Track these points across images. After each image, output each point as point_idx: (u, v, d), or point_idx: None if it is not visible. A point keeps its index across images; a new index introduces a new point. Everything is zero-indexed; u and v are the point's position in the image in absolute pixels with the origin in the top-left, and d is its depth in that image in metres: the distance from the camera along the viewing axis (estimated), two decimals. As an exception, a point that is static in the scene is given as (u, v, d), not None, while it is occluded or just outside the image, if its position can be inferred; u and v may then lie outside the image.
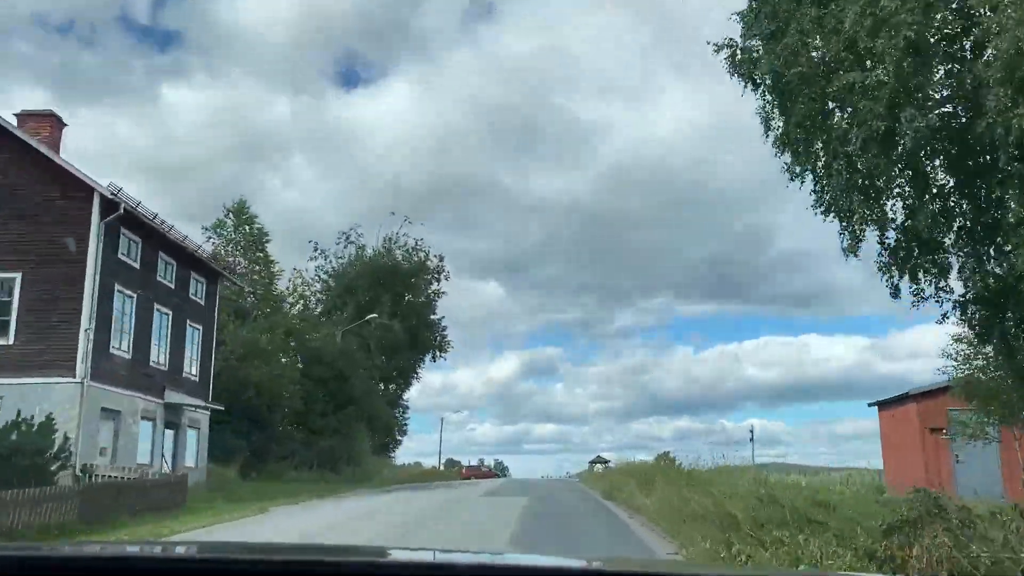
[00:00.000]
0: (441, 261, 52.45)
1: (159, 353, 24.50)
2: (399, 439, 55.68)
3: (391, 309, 47.95)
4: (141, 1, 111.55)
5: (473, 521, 16.94)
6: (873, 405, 33.42)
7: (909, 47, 10.79)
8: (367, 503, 21.84)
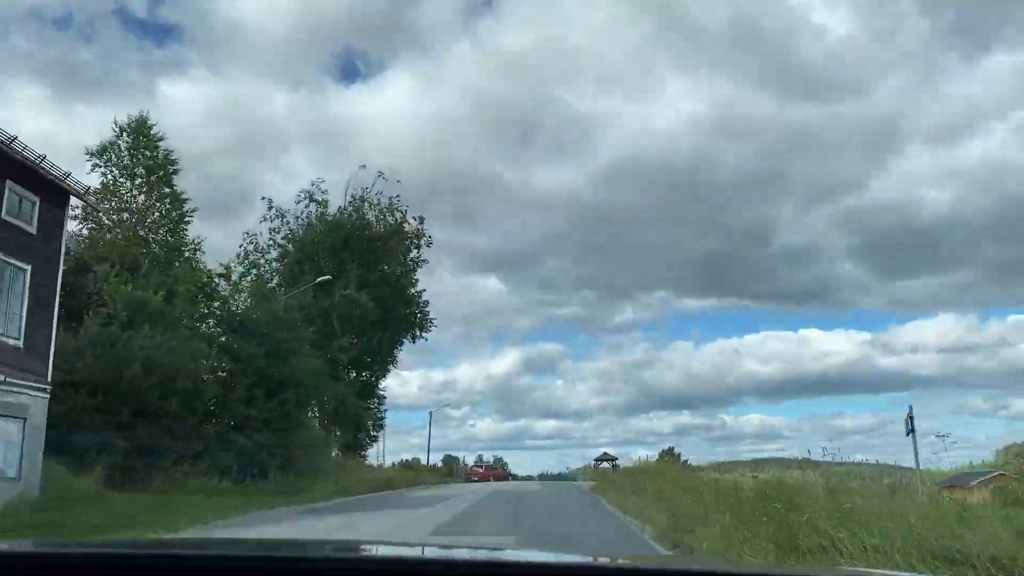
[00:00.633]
0: (421, 224, 44.27)
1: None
2: (375, 434, 47.62)
3: (359, 279, 39.83)
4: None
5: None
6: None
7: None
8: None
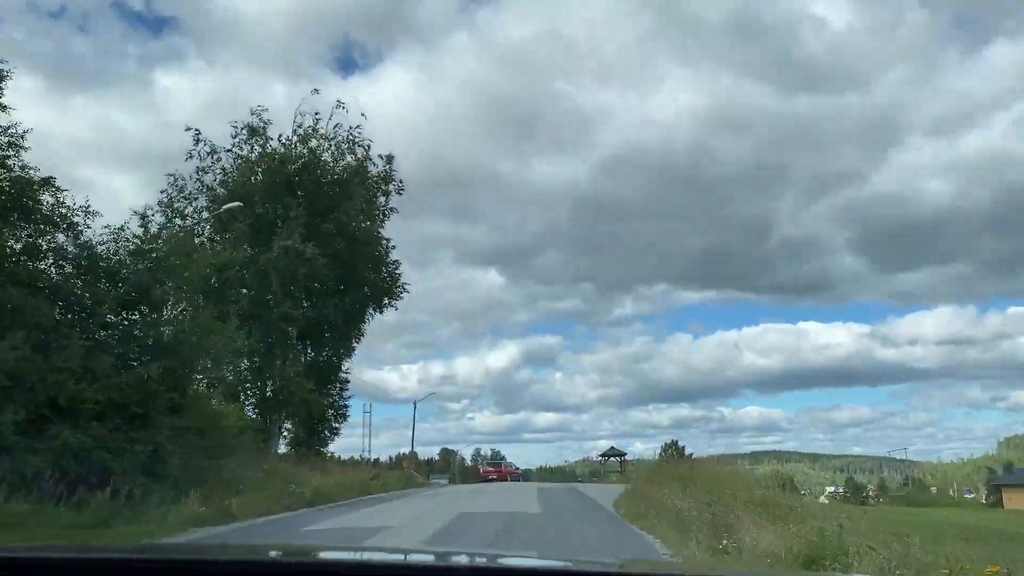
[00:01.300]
0: (390, 165, 35.56)
1: None
2: (336, 426, 38.91)
3: (307, 229, 31.36)
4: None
5: None
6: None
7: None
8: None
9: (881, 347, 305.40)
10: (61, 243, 16.23)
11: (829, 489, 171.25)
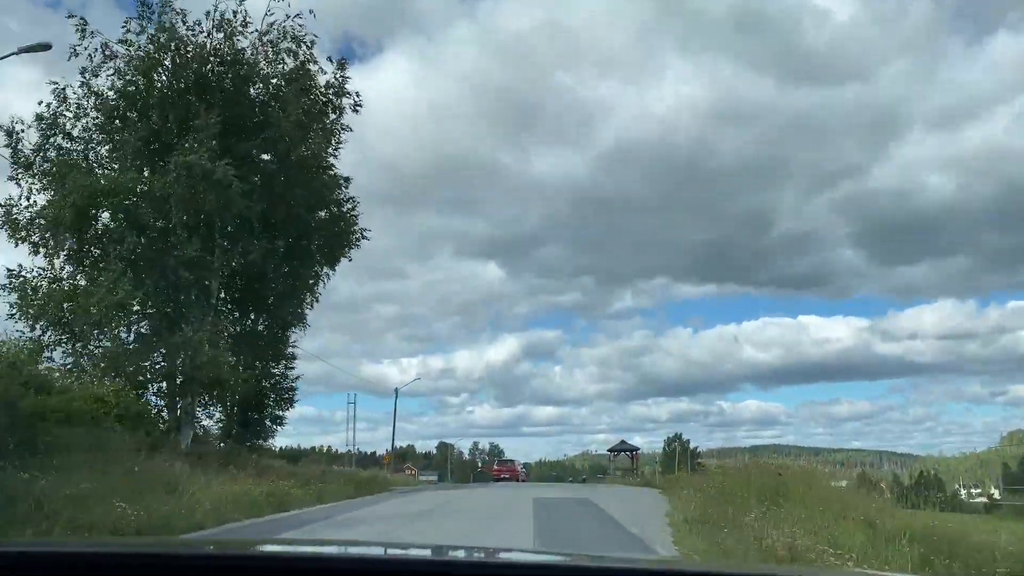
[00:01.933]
0: (342, 72, 26.86)
1: None
2: (280, 414, 30.35)
3: (220, 145, 22.91)
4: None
5: None
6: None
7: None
8: None
9: (881, 341, 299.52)
10: None
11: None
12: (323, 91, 26.39)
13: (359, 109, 27.18)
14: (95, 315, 20.20)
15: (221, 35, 24.43)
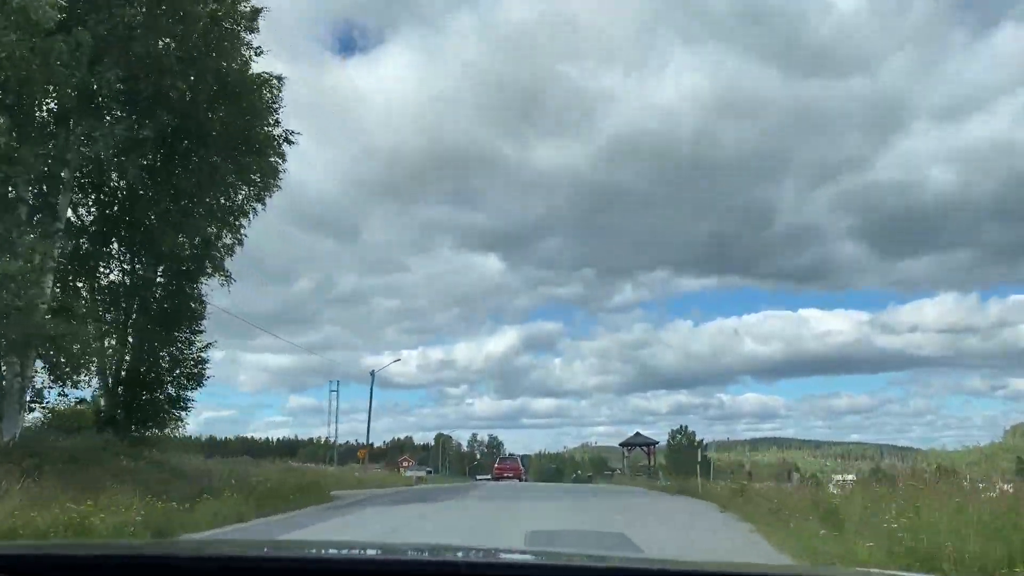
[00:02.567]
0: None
1: None
2: (184, 396, 22.01)
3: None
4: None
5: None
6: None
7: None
8: None
9: (882, 335, 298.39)
10: None
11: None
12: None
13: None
14: None
15: None
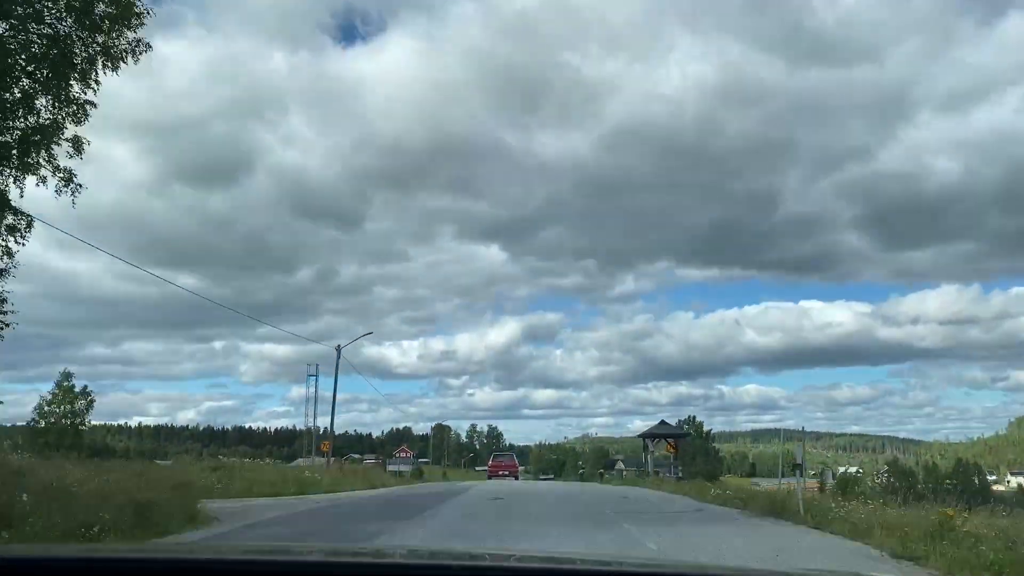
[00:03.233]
0: None
1: None
2: None
3: None
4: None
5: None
6: None
7: None
8: None
9: (883, 326, 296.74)
10: None
11: (841, 469, 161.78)
12: None
13: None
14: None
15: None
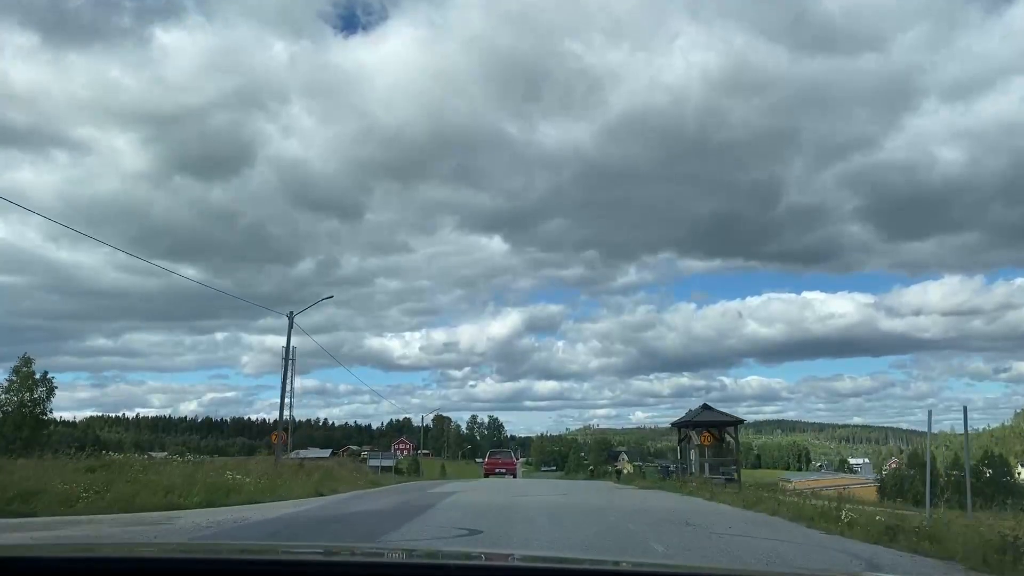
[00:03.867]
0: None
1: None
2: None
3: None
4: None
5: None
6: None
7: None
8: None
9: (886, 317, 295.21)
10: None
11: (852, 461, 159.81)
12: None
13: None
14: None
15: None
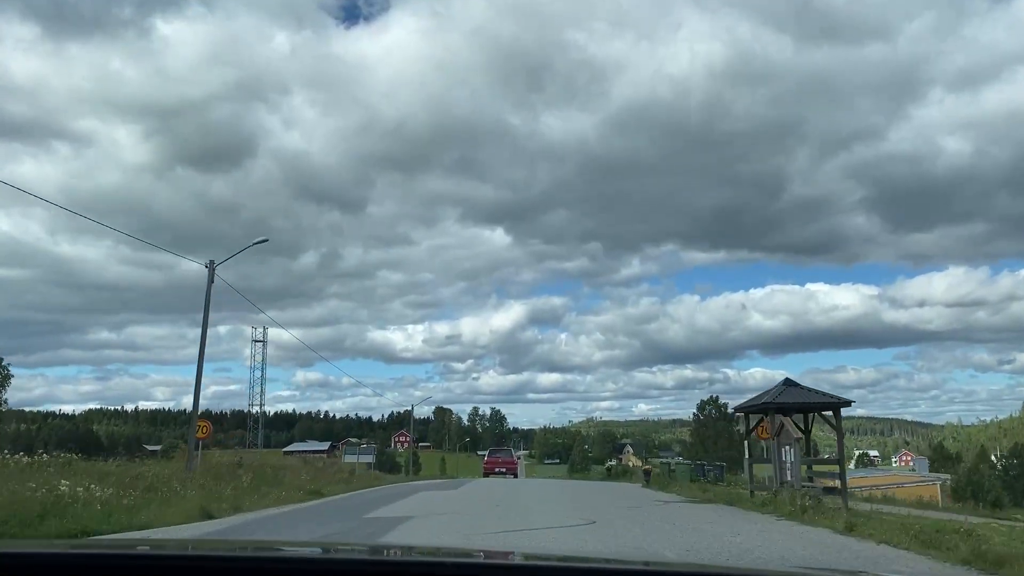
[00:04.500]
0: None
1: None
2: None
3: None
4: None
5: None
6: None
7: None
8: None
9: (890, 309, 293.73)
10: None
11: (858, 452, 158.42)
12: None
13: None
14: None
15: None
